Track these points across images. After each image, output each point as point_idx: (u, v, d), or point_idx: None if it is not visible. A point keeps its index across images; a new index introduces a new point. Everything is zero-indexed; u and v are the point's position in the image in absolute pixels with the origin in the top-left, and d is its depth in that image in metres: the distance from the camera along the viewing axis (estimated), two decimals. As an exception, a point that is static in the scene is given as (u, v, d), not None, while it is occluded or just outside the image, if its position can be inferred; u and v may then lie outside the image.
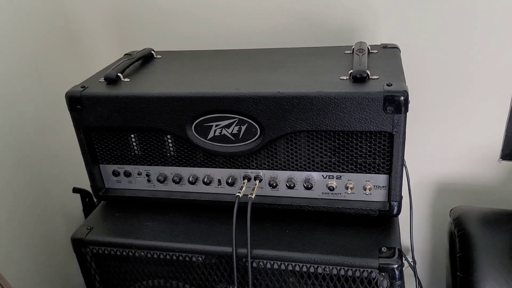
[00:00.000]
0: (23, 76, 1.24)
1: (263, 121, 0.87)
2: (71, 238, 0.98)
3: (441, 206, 1.39)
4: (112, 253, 0.97)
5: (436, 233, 1.46)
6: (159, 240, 0.94)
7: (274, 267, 0.88)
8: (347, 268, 0.84)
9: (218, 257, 0.91)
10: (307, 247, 0.88)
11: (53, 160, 1.36)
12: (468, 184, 1.34)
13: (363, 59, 0.91)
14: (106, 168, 1.03)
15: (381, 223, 0.92)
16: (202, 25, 1.32)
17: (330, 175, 0.92)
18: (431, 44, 1.20)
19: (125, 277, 1.01)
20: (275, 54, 1.08)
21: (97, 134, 0.98)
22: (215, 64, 1.05)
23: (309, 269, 0.86)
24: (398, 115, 0.81)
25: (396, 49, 1.04)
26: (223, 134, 0.91)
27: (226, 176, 0.97)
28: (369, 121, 0.82)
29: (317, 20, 1.25)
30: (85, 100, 0.93)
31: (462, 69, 1.21)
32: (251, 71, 0.98)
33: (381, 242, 0.87)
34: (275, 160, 0.92)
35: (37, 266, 1.32)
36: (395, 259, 0.83)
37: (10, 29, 1.19)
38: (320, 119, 0.84)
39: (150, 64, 1.09)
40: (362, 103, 0.81)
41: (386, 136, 0.85)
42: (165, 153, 0.98)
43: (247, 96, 0.85)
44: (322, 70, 0.94)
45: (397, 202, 0.89)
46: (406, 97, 0.80)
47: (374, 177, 0.89)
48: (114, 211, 1.05)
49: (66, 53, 1.39)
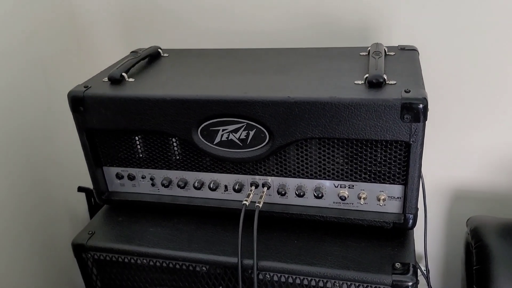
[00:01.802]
0: (28, 74, 1.21)
1: (272, 127, 0.83)
2: (72, 243, 0.95)
3: (457, 214, 1.34)
4: (113, 260, 0.94)
5: (450, 242, 1.40)
6: (162, 248, 0.90)
7: (281, 280, 0.84)
8: (358, 284, 0.80)
9: (223, 267, 0.87)
10: (316, 260, 0.84)
11: (58, 160, 1.33)
12: (486, 192, 1.29)
13: (379, 63, 0.86)
14: (109, 170, 0.99)
15: (395, 236, 0.87)
16: (211, 23, 1.28)
17: (342, 184, 0.87)
18: (449, 46, 1.14)
19: (127, 284, 0.97)
20: (285, 54, 1.04)
21: (100, 136, 0.95)
22: (223, 64, 1.01)
23: (318, 283, 0.82)
24: (416, 124, 0.76)
25: (414, 52, 0.99)
26: (230, 139, 0.87)
27: (233, 182, 0.93)
28: (385, 130, 0.78)
29: (330, 18, 1.20)
30: (88, 101, 0.89)
31: (482, 73, 1.15)
32: (260, 73, 0.94)
33: (395, 257, 0.82)
34: (284, 167, 0.88)
35: (42, 267, 1.29)
36: (409, 276, 0.78)
37: (15, 26, 1.16)
38: (333, 126, 0.80)
39: (156, 63, 1.05)
40: (378, 110, 0.76)
41: (402, 146, 0.80)
42: (170, 157, 0.94)
43: (256, 100, 0.81)
44: (335, 73, 0.90)
45: (413, 214, 0.84)
46: (425, 104, 0.75)
47: (388, 187, 0.85)
48: (117, 215, 1.01)
49: (71, 51, 1.36)
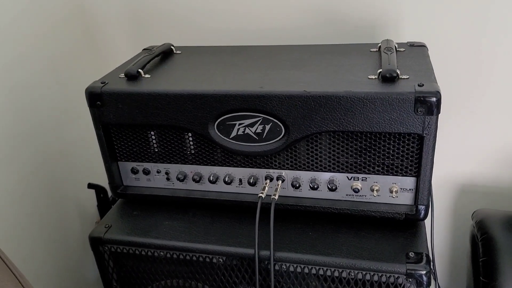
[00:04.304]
0: (40, 72, 1.22)
1: (288, 121, 0.85)
2: (89, 236, 0.96)
3: (463, 208, 1.36)
4: (130, 252, 0.95)
5: (456, 235, 1.43)
6: (178, 240, 0.92)
7: (297, 270, 0.86)
8: (372, 273, 0.82)
9: (240, 258, 0.89)
10: (331, 250, 0.86)
11: (68, 156, 1.34)
12: (491, 186, 1.31)
13: (392, 58, 0.88)
14: (124, 165, 1.01)
15: (408, 227, 0.89)
16: (222, 20, 1.29)
17: (355, 177, 0.89)
18: (457, 41, 1.16)
19: (142, 276, 0.99)
20: (297, 51, 1.06)
21: (116, 130, 0.97)
22: (237, 60, 1.03)
23: (333, 273, 0.84)
24: (430, 117, 0.78)
25: (424, 48, 1.01)
26: (247, 133, 0.88)
27: (248, 175, 0.94)
28: (398, 122, 0.80)
29: (338, 16, 1.22)
30: (105, 96, 0.91)
31: (490, 68, 1.17)
32: (274, 68, 0.95)
33: (408, 247, 0.84)
34: (298, 160, 0.90)
35: (52, 262, 1.31)
36: (423, 265, 0.80)
37: (26, 23, 1.17)
38: (348, 119, 0.82)
39: (170, 60, 1.07)
40: (392, 103, 0.78)
41: (415, 138, 0.82)
42: (185, 151, 0.96)
43: (273, 94, 0.83)
44: (348, 68, 0.92)
45: (425, 206, 0.86)
46: (438, 98, 0.77)
47: (401, 179, 0.87)
48: (132, 210, 1.03)
49: (82, 48, 1.37)
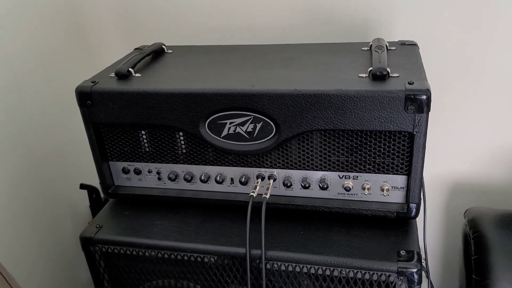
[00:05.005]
0: (29, 71, 1.22)
1: (278, 119, 0.84)
2: (80, 236, 0.96)
3: (455, 206, 1.37)
4: (121, 252, 0.95)
5: (449, 234, 1.43)
6: (170, 240, 0.92)
7: (289, 269, 0.86)
8: (364, 272, 0.82)
9: (231, 258, 0.88)
10: (322, 249, 0.86)
11: (59, 156, 1.34)
12: (483, 185, 1.31)
13: (382, 56, 0.88)
14: (115, 165, 1.00)
15: (399, 225, 0.90)
16: (213, 20, 1.29)
17: (347, 175, 0.89)
18: (449, 41, 1.17)
19: (134, 276, 0.99)
20: (288, 50, 1.06)
21: (107, 130, 0.96)
22: (228, 59, 1.03)
23: (325, 271, 0.84)
24: (420, 115, 0.78)
25: (414, 46, 1.01)
26: (237, 132, 0.88)
27: (239, 175, 0.94)
28: (389, 121, 0.80)
29: (330, 15, 1.22)
30: (95, 96, 0.90)
31: (481, 68, 1.17)
32: (265, 67, 0.95)
33: (399, 245, 0.84)
34: (290, 159, 0.90)
35: (44, 262, 1.30)
36: (414, 263, 0.80)
37: (15, 20, 1.16)
38: (338, 117, 0.82)
39: (161, 59, 1.07)
40: (383, 101, 0.78)
41: (406, 136, 0.82)
42: (177, 151, 0.95)
43: (263, 93, 0.83)
44: (338, 67, 0.92)
45: (416, 204, 0.86)
46: (428, 96, 0.77)
47: (392, 177, 0.87)
48: (124, 209, 1.02)
49: (72, 47, 1.37)
